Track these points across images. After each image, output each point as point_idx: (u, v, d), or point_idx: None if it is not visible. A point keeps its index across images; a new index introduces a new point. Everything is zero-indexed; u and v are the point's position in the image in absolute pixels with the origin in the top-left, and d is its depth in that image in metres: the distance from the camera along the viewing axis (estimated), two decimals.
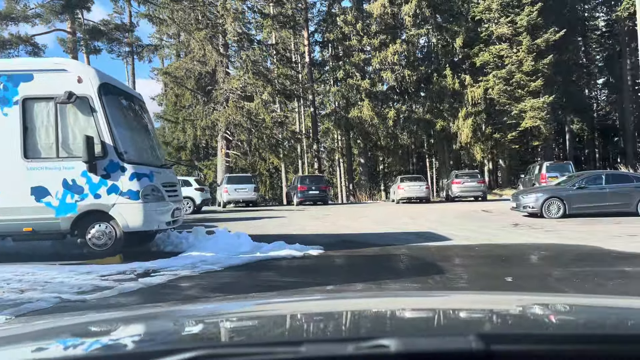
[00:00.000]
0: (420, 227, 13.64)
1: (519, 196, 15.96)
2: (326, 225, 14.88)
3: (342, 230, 13.35)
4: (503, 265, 7.38)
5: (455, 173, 25.59)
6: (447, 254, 8.60)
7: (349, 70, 29.51)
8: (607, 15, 50.00)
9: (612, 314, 1.42)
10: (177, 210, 8.72)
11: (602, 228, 12.49)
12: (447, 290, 5.05)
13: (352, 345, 0.90)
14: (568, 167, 23.88)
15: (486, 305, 1.64)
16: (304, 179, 25.74)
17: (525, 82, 30.37)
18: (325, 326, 1.34)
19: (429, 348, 0.92)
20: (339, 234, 12.26)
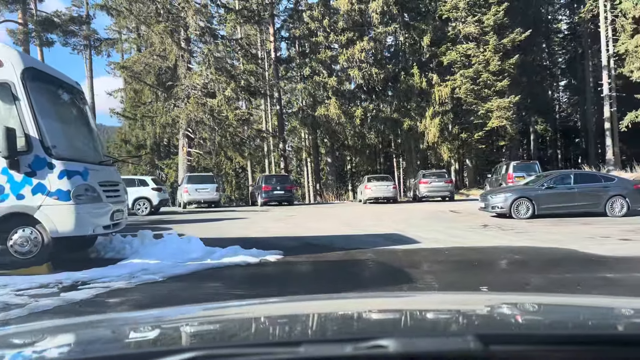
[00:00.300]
0: (387, 229, 13.03)
1: (487, 196, 15.56)
2: (290, 227, 14.11)
3: (306, 232, 12.61)
4: (476, 271, 6.79)
5: (423, 173, 25.21)
6: (416, 259, 7.96)
7: (315, 68, 28.82)
8: (569, 18, 50.93)
9: (611, 314, 1.42)
10: (118, 213, 7.79)
11: (572, 229, 12.14)
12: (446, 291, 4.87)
13: (350, 345, 0.91)
14: (534, 166, 23.80)
15: (485, 305, 1.62)
16: (269, 178, 24.89)
17: (492, 81, 30.31)
18: (323, 326, 1.36)
19: (428, 348, 0.93)
20: (302, 237, 11.52)
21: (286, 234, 12.22)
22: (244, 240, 10.81)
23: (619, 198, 14.72)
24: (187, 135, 28.18)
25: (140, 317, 1.59)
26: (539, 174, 17.79)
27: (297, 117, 30.35)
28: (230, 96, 25.51)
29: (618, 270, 6.57)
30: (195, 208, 24.46)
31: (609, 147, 34.56)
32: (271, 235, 11.92)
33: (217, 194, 23.61)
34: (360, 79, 28.61)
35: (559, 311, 1.49)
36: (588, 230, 11.55)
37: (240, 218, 17.30)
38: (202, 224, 15.61)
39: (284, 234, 12.23)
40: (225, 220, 16.61)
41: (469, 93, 30.16)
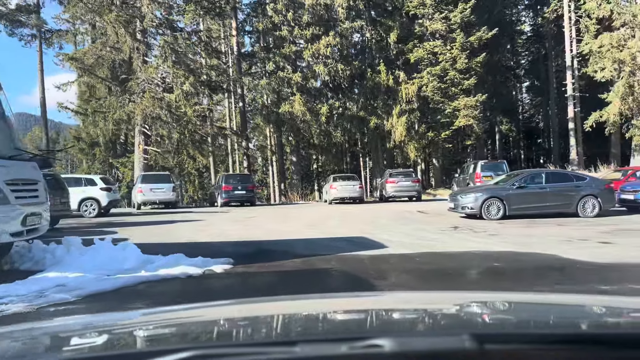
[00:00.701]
0: (353, 231, 12.12)
1: (457, 196, 14.86)
2: (248, 229, 13.04)
3: (265, 235, 11.57)
4: (452, 284, 5.92)
5: (390, 172, 24.49)
6: (384, 268, 7.04)
7: (279, 63, 27.71)
8: (533, 19, 51.44)
9: (605, 313, 1.42)
10: (34, 217, 6.58)
11: (547, 231, 11.50)
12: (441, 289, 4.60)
13: (346, 345, 0.91)
14: (502, 166, 23.41)
15: (480, 304, 1.61)
16: (229, 177, 23.67)
17: (459, 80, 29.89)
18: (319, 326, 1.36)
19: (423, 347, 0.93)
20: (260, 241, 10.48)
21: (242, 237, 11.15)
22: (192, 246, 9.71)
23: (591, 198, 14.25)
24: (143, 132, 26.63)
25: (135, 317, 1.58)
26: (509, 173, 17.24)
27: (260, 113, 29.15)
28: (188, 91, 24.15)
29: (610, 281, 5.81)
30: (151, 209, 23.04)
31: (573, 147, 34.76)
32: (225, 240, 10.83)
33: (173, 194, 22.25)
34: (326, 75, 27.69)
35: (554, 310, 1.50)
36: (563, 232, 10.92)
37: (196, 220, 16.10)
38: (153, 226, 14.35)
39: (240, 237, 11.16)
40: (179, 222, 15.39)
41: (436, 91, 29.66)
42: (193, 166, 44.63)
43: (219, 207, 23.03)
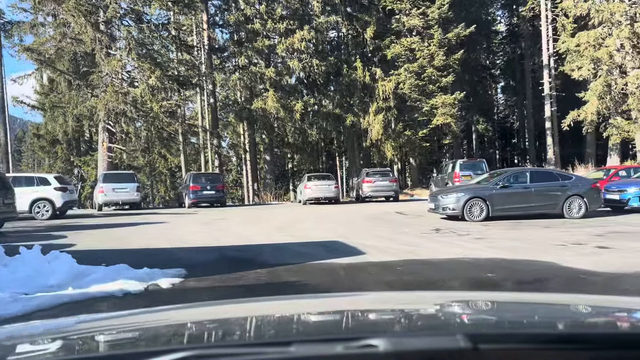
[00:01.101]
0: (328, 234, 11.15)
1: (437, 197, 14.00)
2: (213, 233, 11.93)
3: (231, 240, 10.49)
4: None
5: (366, 171, 23.61)
6: (362, 280, 6.07)
7: (251, 57, 26.54)
8: (508, 19, 51.39)
9: (598, 313, 1.43)
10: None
11: (535, 234, 10.72)
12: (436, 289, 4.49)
13: (341, 345, 0.91)
14: (481, 165, 22.76)
15: (474, 304, 1.62)
16: (198, 177, 22.42)
17: (436, 77, 29.23)
18: (314, 326, 1.36)
19: (417, 347, 0.93)
20: (224, 247, 9.40)
21: (205, 242, 10.06)
22: (146, 253, 8.59)
23: (577, 198, 13.56)
24: (107, 129, 25.17)
25: (130, 317, 1.57)
26: (491, 172, 16.49)
27: (231, 110, 27.95)
28: (154, 85, 22.81)
29: (629, 294, 4.94)
30: (115, 210, 21.67)
31: (550, 147, 34.50)
32: (185, 246, 9.72)
33: (137, 194, 20.91)
34: (301, 70, 26.65)
35: (548, 310, 1.50)
36: (553, 236, 10.13)
37: (159, 222, 14.90)
38: (109, 230, 13.11)
39: (203, 242, 10.06)
40: (139, 225, 14.16)
41: (414, 88, 28.93)
42: (164, 165, 43.10)
43: (187, 208, 21.80)
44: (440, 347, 0.92)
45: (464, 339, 0.92)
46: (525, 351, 0.95)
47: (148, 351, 0.98)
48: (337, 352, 0.90)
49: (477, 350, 0.90)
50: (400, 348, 0.91)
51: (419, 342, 0.96)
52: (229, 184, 55.33)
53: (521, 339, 1.02)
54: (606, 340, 1.02)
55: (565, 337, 1.06)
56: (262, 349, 0.94)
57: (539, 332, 1.13)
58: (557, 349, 0.96)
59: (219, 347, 1.01)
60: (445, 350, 0.91)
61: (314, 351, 0.92)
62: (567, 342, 1.00)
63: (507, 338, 1.04)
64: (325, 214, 16.80)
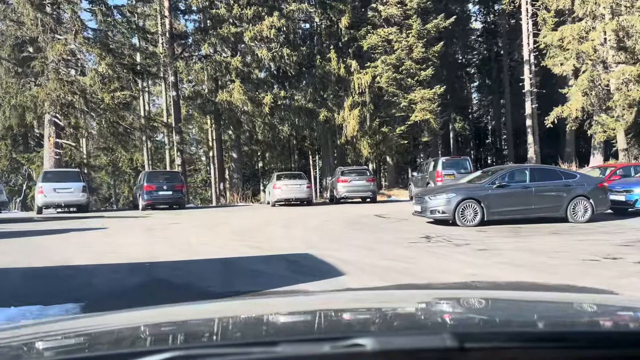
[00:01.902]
0: (296, 244, 9.12)
1: (424, 198, 12.10)
2: (156, 243, 9.75)
3: (173, 253, 8.36)
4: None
5: (341, 170, 21.64)
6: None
7: (216, 45, 24.25)
8: (484, 16, 50.36)
9: (585, 311, 1.44)
10: None
11: (545, 243, 8.90)
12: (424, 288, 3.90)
13: (328, 344, 0.91)
14: (465, 163, 21.10)
15: (461, 302, 1.63)
16: (153, 176, 20.03)
17: (415, 70, 27.49)
18: (301, 325, 1.35)
19: (405, 346, 0.93)
20: (160, 263, 7.27)
21: (139, 257, 7.87)
22: (51, 274, 6.42)
23: (583, 199, 11.85)
24: (54, 122, 22.55)
25: (115, 317, 1.55)
26: (484, 170, 14.69)
27: (194, 103, 25.60)
28: (105, 73, 20.35)
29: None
30: (59, 213, 19.15)
31: (531, 145, 33.18)
32: (110, 261, 7.52)
33: (83, 195, 18.44)
34: (270, 60, 24.48)
35: (534, 308, 1.51)
36: (569, 246, 8.32)
37: (97, 228, 12.58)
38: (30, 238, 10.75)
39: (136, 257, 7.87)
40: (72, 232, 11.83)
41: (391, 82, 27.11)
42: (128, 165, 40.32)
43: (141, 210, 19.42)
44: (427, 346, 0.92)
45: (450, 337, 0.91)
46: (511, 349, 0.95)
47: (133, 352, 0.97)
48: (324, 351, 0.90)
49: (464, 349, 0.90)
50: (388, 347, 0.91)
51: (406, 341, 0.95)
52: (198, 184, 52.74)
53: (507, 337, 1.02)
54: (592, 339, 1.03)
55: (552, 335, 1.07)
56: (248, 349, 0.93)
57: (525, 331, 1.14)
58: (544, 347, 0.97)
59: (205, 347, 1.01)
60: (432, 349, 0.91)
61: (301, 351, 0.91)
62: (554, 341, 1.00)
63: (494, 336, 1.04)
64: (296, 217, 14.76)
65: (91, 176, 37.69)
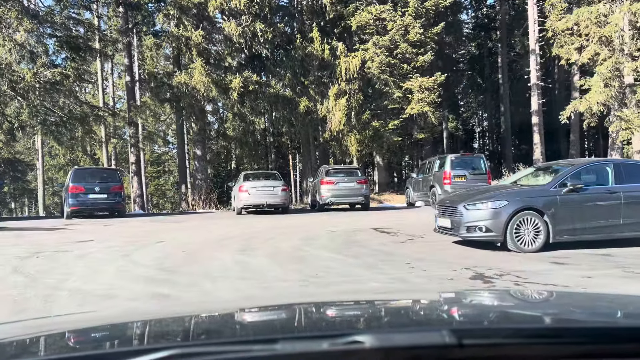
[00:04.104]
0: (251, 288, 4.87)
1: (457, 207, 7.90)
2: (7, 285, 5.40)
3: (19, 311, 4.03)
4: None
5: (326, 169, 17.45)
6: None
7: (174, 15, 19.78)
8: (475, 11, 47.04)
9: (583, 307, 1.47)
10: None
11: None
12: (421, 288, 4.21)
13: (327, 341, 0.90)
14: (479, 162, 17.15)
15: (460, 300, 1.65)
16: (82, 174, 15.47)
17: (412, 54, 23.48)
18: (300, 323, 1.34)
19: (403, 343, 0.92)
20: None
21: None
22: None
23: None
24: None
25: (114, 316, 1.55)
26: (537, 166, 10.47)
27: (147, 87, 21.09)
28: (24, 43, 15.82)
29: None
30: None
31: (537, 146, 29.40)
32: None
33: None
34: (239, 37, 20.19)
35: (533, 305, 1.55)
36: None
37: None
38: None
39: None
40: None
41: (384, 67, 23.04)
42: (91, 163, 35.50)
43: (65, 218, 14.93)
44: (426, 343, 0.92)
45: (449, 334, 0.91)
46: (509, 346, 0.95)
47: (132, 350, 0.97)
48: (323, 348, 0.89)
49: (462, 345, 0.90)
50: (386, 344, 0.90)
51: (404, 338, 0.95)
52: (168, 187, 47.90)
53: (505, 334, 1.03)
54: (589, 334, 1.03)
55: (549, 331, 1.08)
56: (248, 347, 0.92)
57: (523, 327, 1.14)
58: (542, 343, 0.97)
59: (205, 345, 1.00)
60: (431, 345, 0.91)
61: (300, 348, 0.90)
62: (551, 337, 1.01)
63: (492, 333, 1.04)
64: (264, 232, 10.51)
65: None
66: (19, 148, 45.37)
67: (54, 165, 43.47)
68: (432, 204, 17.21)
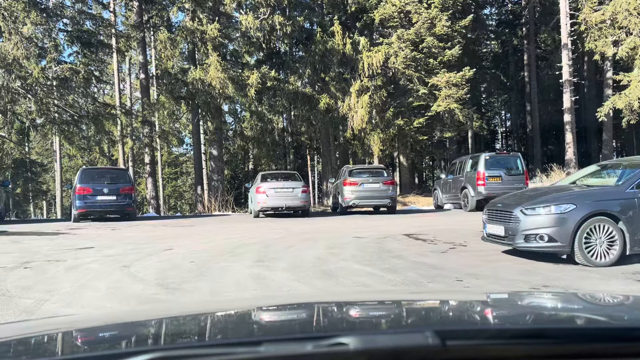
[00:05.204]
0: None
1: (513, 212, 6.66)
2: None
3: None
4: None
5: (349, 169, 16.31)
6: None
7: (188, 9, 18.81)
8: (498, 9, 45.50)
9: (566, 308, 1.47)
10: None
11: None
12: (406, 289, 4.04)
13: (311, 343, 0.90)
14: (516, 161, 15.86)
15: (442, 302, 1.64)
16: (91, 175, 14.55)
17: (438, 48, 22.22)
18: (284, 325, 1.35)
19: (387, 345, 0.92)
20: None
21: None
22: None
23: None
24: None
25: (96, 319, 1.52)
26: (602, 164, 9.08)
27: (161, 83, 20.18)
28: (30, 36, 15.01)
29: None
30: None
31: (569, 145, 27.81)
32: None
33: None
34: (257, 30, 19.17)
35: (515, 306, 1.53)
36: None
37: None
38: None
39: None
40: None
41: (409, 62, 21.80)
42: (108, 164, 34.96)
43: (72, 222, 14.05)
44: (410, 344, 0.92)
45: (432, 335, 0.91)
46: (492, 347, 0.95)
47: (113, 353, 0.96)
48: (307, 350, 0.88)
49: (446, 347, 0.90)
50: (370, 345, 0.90)
51: (388, 340, 0.95)
52: (185, 188, 47.23)
53: (489, 334, 1.03)
54: (571, 334, 1.04)
55: (532, 331, 1.07)
56: (231, 349, 0.91)
57: (506, 328, 1.15)
58: (524, 344, 0.97)
59: (187, 347, 0.99)
60: (414, 347, 0.91)
61: (284, 350, 0.90)
62: (534, 337, 1.01)
63: (475, 334, 1.04)
64: (283, 238, 9.41)
65: None
66: (37, 149, 45.22)
67: (71, 166, 43.13)
68: (463, 206, 16.01)
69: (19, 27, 15.13)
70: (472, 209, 15.32)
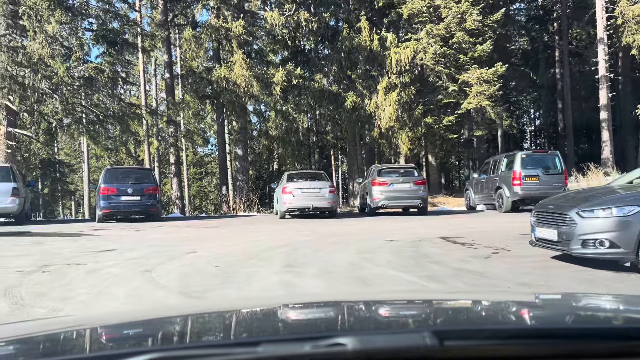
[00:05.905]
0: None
1: (568, 214, 6.02)
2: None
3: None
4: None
5: (378, 168, 15.76)
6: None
7: (214, 8, 18.50)
8: (528, 4, 44.18)
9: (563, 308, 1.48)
10: None
11: None
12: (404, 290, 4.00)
13: (309, 344, 0.90)
14: (555, 160, 15.10)
15: (440, 303, 1.62)
16: (115, 174, 14.35)
17: (469, 44, 21.48)
18: (282, 325, 1.33)
19: (385, 345, 0.92)
20: None
21: None
22: None
23: None
24: (6, 105, 17.30)
25: (94, 320, 1.52)
26: None
27: (185, 82, 19.96)
28: (55, 35, 14.90)
29: None
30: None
31: (606, 144, 26.68)
32: None
33: (14, 200, 12.99)
34: (282, 27, 18.80)
35: (513, 306, 1.51)
36: None
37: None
38: None
39: None
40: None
41: (439, 58, 21.12)
42: (134, 164, 35.12)
43: (97, 222, 13.86)
44: (408, 345, 0.92)
45: (430, 336, 0.92)
46: (491, 346, 0.95)
47: (112, 354, 0.95)
48: (305, 351, 0.89)
49: (444, 347, 0.90)
50: (368, 346, 0.91)
51: (386, 340, 0.95)
52: (210, 189, 47.26)
53: (487, 334, 1.03)
54: (571, 334, 1.04)
55: (530, 331, 1.07)
56: (228, 350, 0.91)
57: (503, 328, 1.14)
58: (522, 344, 0.97)
59: (184, 348, 0.99)
60: (412, 347, 0.91)
61: (282, 351, 0.90)
62: (532, 337, 1.01)
63: (473, 334, 1.04)
64: (311, 241, 8.95)
65: None
66: (66, 150, 45.87)
67: (98, 167, 43.61)
68: (497, 207, 15.32)
69: (44, 25, 15.04)
70: (507, 210, 14.63)
